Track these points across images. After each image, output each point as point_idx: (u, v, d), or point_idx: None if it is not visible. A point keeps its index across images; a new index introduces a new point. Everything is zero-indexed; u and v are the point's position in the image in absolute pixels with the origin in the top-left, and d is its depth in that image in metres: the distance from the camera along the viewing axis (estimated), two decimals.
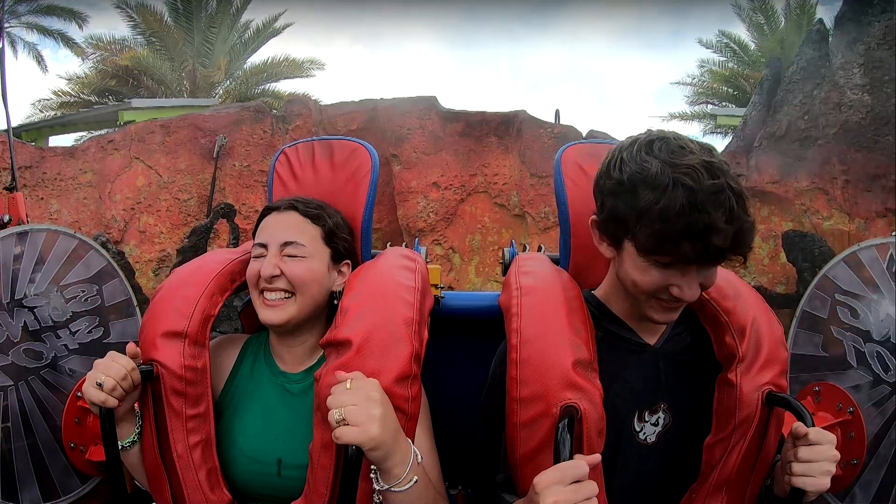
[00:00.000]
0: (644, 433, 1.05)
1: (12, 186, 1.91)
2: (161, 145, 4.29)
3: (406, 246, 1.48)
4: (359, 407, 0.87)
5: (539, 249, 1.49)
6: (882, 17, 3.28)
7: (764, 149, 3.94)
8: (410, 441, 0.97)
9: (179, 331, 1.10)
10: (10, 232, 1.63)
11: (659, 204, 0.86)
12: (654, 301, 0.97)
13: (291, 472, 1.09)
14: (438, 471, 1.08)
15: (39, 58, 12.95)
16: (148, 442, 1.10)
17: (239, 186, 4.48)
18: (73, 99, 12.43)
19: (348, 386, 0.90)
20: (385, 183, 5.53)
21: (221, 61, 11.78)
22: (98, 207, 3.87)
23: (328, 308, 1.20)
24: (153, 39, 12.01)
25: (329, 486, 0.96)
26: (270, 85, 12.96)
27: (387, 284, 1.10)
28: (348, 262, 1.23)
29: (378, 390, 0.91)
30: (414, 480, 0.92)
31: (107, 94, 12.21)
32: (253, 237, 1.22)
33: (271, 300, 1.12)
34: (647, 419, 1.05)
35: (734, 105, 11.65)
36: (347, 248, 1.23)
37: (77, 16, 12.14)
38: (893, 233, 1.78)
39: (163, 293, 1.16)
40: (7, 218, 1.79)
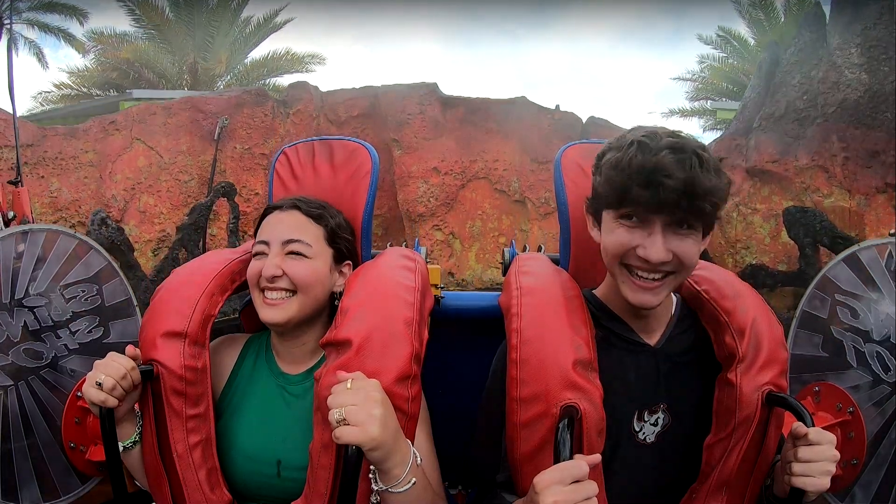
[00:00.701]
0: (643, 433, 1.05)
1: (17, 181, 1.90)
2: (162, 127, 4.27)
3: (406, 245, 1.48)
4: (359, 407, 0.87)
5: (539, 249, 1.49)
6: None
7: (763, 129, 3.94)
8: (410, 442, 0.97)
9: (179, 331, 1.10)
10: (11, 231, 1.63)
11: (617, 157, 0.94)
12: (627, 276, 0.98)
13: (291, 473, 1.09)
14: (437, 472, 1.08)
15: (40, 55, 12.97)
16: (148, 442, 1.10)
17: (239, 169, 4.47)
18: (75, 92, 12.45)
19: (349, 386, 0.90)
20: (385, 169, 5.52)
21: (222, 55, 11.82)
22: (98, 187, 3.87)
23: (329, 308, 1.20)
24: (154, 33, 12.04)
25: (329, 487, 0.96)
26: (271, 80, 13.00)
27: (387, 284, 1.10)
28: (349, 263, 1.23)
29: (378, 390, 0.91)
30: (412, 482, 0.92)
31: (108, 88, 12.23)
32: (254, 236, 1.22)
33: (272, 299, 1.12)
34: (647, 419, 1.05)
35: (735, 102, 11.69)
36: (349, 249, 1.23)
37: (78, 12, 12.15)
38: (892, 231, 1.78)
39: (163, 293, 1.16)
40: (11, 214, 1.79)
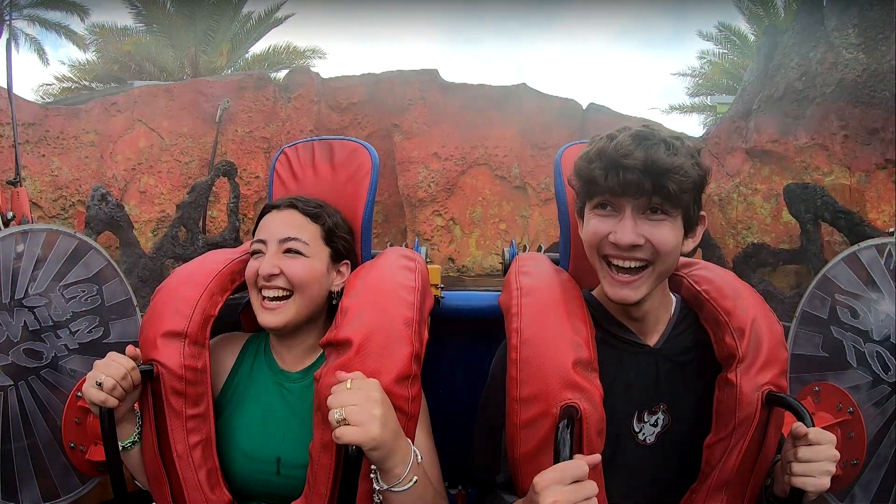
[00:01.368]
0: (643, 434, 1.05)
1: (16, 181, 1.89)
2: (164, 109, 4.28)
3: (406, 245, 1.48)
4: (359, 407, 0.87)
5: (539, 249, 1.49)
6: None
7: (762, 110, 3.95)
8: (410, 441, 0.97)
9: (179, 331, 1.10)
10: (11, 232, 1.63)
11: (586, 150, 0.99)
12: (607, 271, 0.99)
13: (290, 471, 1.09)
14: (438, 471, 1.08)
15: (41, 51, 12.99)
16: (148, 442, 1.10)
17: (240, 152, 4.48)
18: (75, 85, 12.46)
19: (349, 386, 0.90)
20: (386, 155, 5.51)
21: (224, 47, 11.85)
22: (99, 166, 3.89)
23: (327, 308, 1.20)
24: (155, 27, 12.05)
25: (329, 486, 0.96)
26: (273, 74, 13.03)
27: (387, 284, 1.09)
28: (347, 262, 1.23)
29: (378, 390, 0.91)
30: (414, 480, 0.92)
31: (109, 80, 12.24)
32: (252, 235, 1.22)
33: (270, 301, 1.12)
34: (647, 420, 1.05)
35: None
36: (347, 248, 1.23)
37: (79, 8, 12.17)
38: (892, 230, 1.78)
39: (163, 293, 1.16)
40: (10, 215, 1.79)
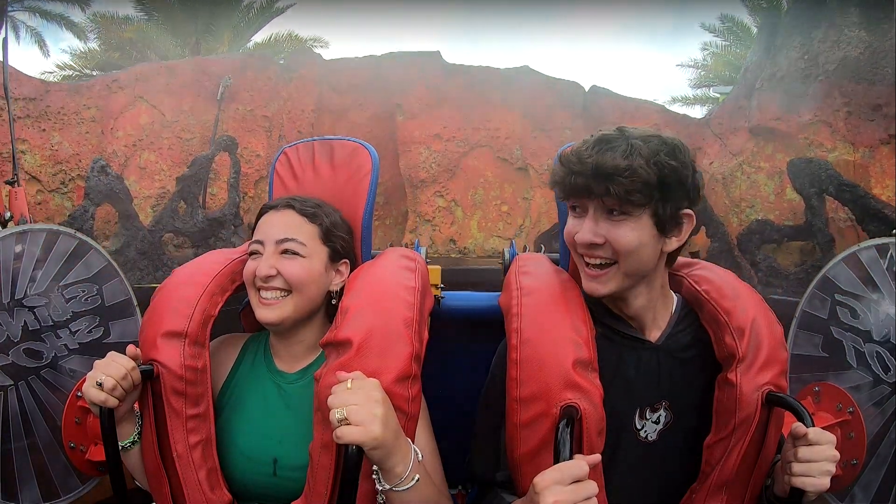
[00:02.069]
0: (645, 431, 1.05)
1: (13, 181, 1.89)
2: (166, 86, 4.27)
3: (406, 245, 1.48)
4: (360, 406, 0.87)
5: (539, 249, 1.49)
6: None
7: (765, 89, 3.92)
8: (410, 440, 0.97)
9: (179, 331, 1.10)
10: (10, 231, 1.63)
11: (560, 156, 1.04)
12: (583, 265, 1.04)
13: (287, 472, 1.09)
14: (440, 470, 1.08)
15: (42, 42, 12.98)
16: (148, 442, 1.10)
17: (241, 130, 4.47)
18: (76, 73, 12.42)
19: (349, 386, 0.90)
20: (387, 136, 5.45)
21: (225, 35, 11.83)
22: (100, 142, 3.89)
23: (326, 307, 1.20)
24: (156, 16, 12.01)
25: (329, 486, 0.96)
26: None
27: (387, 284, 1.09)
28: (346, 262, 1.23)
29: (379, 390, 0.91)
30: (416, 479, 0.92)
31: (110, 69, 12.22)
32: (251, 235, 1.22)
33: (267, 299, 1.12)
34: (649, 417, 1.05)
35: None
36: (345, 247, 1.22)
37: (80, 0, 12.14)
38: (895, 231, 1.78)
39: (163, 293, 1.16)
40: (8, 215, 1.79)
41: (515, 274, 1.15)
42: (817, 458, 0.90)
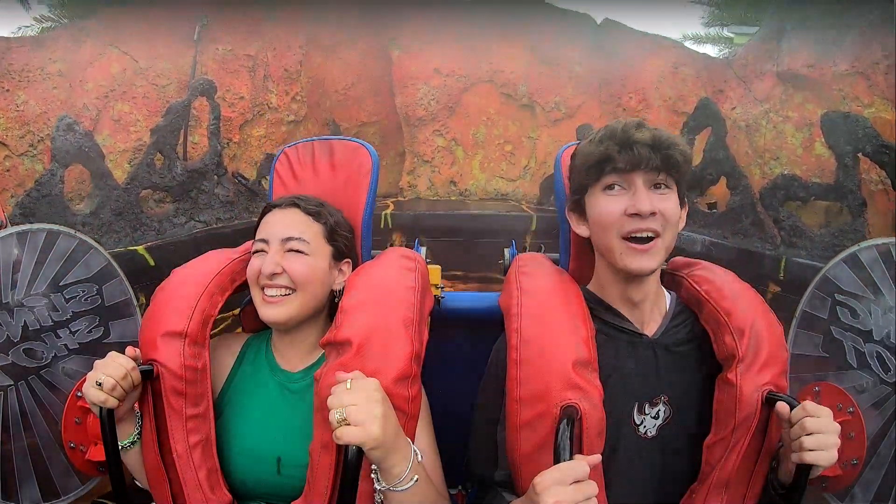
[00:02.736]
0: (644, 426, 1.05)
1: None
2: (137, 31, 3.81)
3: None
4: (360, 407, 0.87)
5: (539, 249, 1.49)
6: None
7: (797, 32, 3.52)
8: (410, 440, 0.97)
9: (179, 331, 1.10)
10: (10, 232, 1.63)
11: (589, 139, 1.07)
12: (626, 245, 1.02)
13: (290, 471, 1.09)
14: (440, 470, 1.08)
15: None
16: (148, 441, 1.10)
17: (223, 72, 3.96)
18: (55, 24, 12.15)
19: (349, 386, 0.90)
20: (382, 72, 4.99)
21: None
22: (68, 96, 3.43)
23: (329, 306, 1.20)
24: None
25: (329, 487, 0.96)
26: None
27: (387, 285, 1.10)
28: (348, 261, 1.23)
29: (379, 390, 0.91)
30: (415, 479, 0.92)
31: (90, 16, 11.96)
32: (254, 234, 1.22)
33: (272, 296, 1.12)
34: (648, 412, 1.05)
35: None
36: (348, 247, 1.23)
37: None
38: None
39: (163, 293, 1.16)
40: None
41: (515, 274, 1.15)
42: (825, 429, 0.91)
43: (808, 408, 0.93)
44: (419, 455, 0.96)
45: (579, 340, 0.98)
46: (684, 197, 1.08)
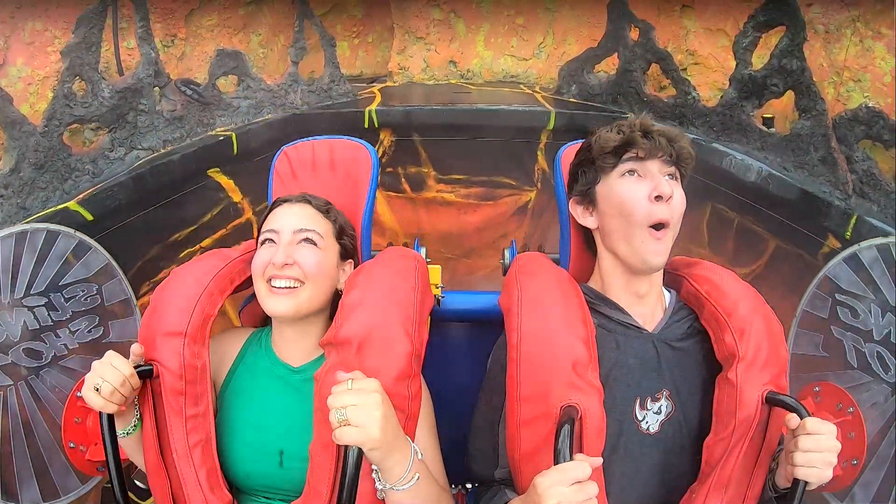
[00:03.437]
0: (646, 422, 1.05)
1: None
2: None
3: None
4: (360, 407, 0.87)
5: (539, 249, 1.49)
6: None
7: None
8: (410, 439, 0.97)
9: (179, 331, 1.09)
10: (10, 231, 1.63)
11: (609, 126, 1.10)
12: (648, 235, 1.02)
13: (293, 463, 1.09)
14: (442, 468, 1.08)
15: None
16: (148, 441, 1.10)
17: None
18: None
19: (349, 386, 0.90)
20: None
21: None
22: None
23: (333, 304, 1.21)
24: None
25: (329, 486, 0.96)
26: None
27: (386, 284, 1.09)
28: (352, 262, 1.24)
29: (379, 390, 0.91)
30: (416, 478, 0.92)
31: None
32: (257, 232, 1.22)
33: (280, 287, 1.12)
34: (650, 407, 1.05)
35: None
36: (352, 247, 1.24)
37: None
38: None
39: (162, 293, 1.16)
40: None
41: (515, 274, 1.15)
42: (819, 449, 0.90)
43: (808, 425, 0.91)
44: (419, 453, 0.96)
45: (579, 340, 0.98)
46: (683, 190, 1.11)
